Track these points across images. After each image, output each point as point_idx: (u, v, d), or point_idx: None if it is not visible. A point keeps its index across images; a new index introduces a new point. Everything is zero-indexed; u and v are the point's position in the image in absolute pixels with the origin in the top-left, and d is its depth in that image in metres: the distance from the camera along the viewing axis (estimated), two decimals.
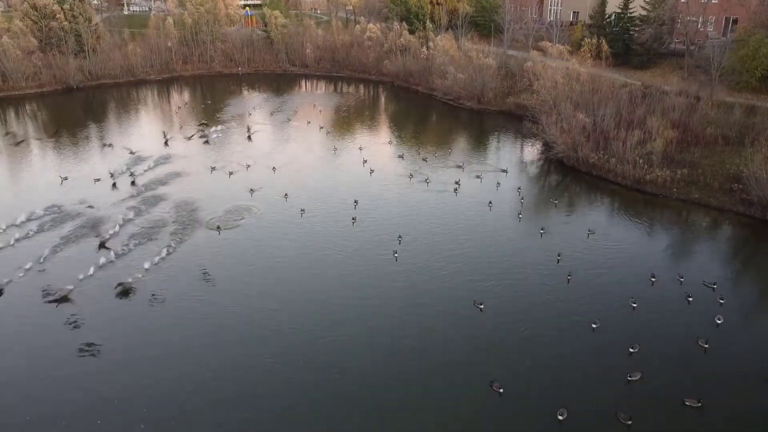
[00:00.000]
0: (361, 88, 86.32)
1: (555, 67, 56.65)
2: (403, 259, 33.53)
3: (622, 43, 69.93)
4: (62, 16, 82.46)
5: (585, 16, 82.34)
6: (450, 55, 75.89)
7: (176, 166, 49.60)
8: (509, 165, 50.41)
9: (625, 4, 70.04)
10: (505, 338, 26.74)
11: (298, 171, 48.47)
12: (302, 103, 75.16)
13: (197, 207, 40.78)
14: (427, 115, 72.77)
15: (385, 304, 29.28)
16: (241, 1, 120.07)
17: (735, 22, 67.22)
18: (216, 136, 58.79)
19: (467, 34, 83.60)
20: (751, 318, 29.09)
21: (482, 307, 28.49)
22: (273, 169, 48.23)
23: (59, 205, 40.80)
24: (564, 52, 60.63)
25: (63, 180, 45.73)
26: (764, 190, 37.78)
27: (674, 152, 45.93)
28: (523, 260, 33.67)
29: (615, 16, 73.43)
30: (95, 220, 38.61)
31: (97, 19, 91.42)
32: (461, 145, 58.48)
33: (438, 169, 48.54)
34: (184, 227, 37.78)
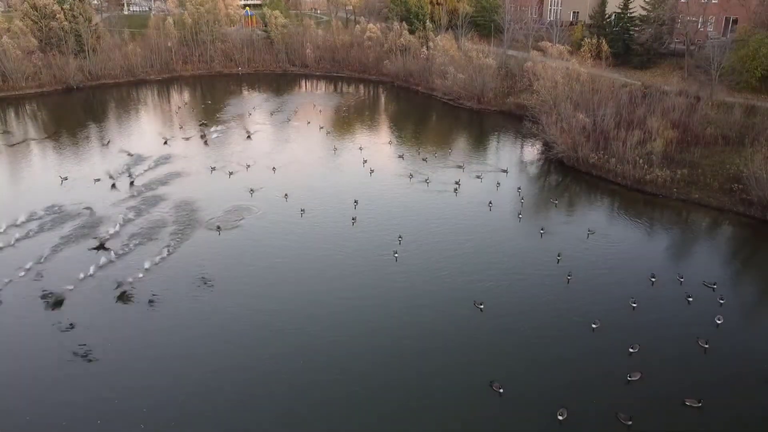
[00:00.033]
0: (361, 88, 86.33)
1: (555, 67, 56.64)
2: (403, 260, 33.55)
3: (622, 43, 69.94)
4: (62, 16, 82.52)
5: (585, 16, 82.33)
6: (450, 55, 75.90)
7: (176, 166, 49.61)
8: (509, 165, 50.42)
9: (625, 4, 70.04)
10: (505, 338, 26.76)
11: (298, 171, 48.49)
12: (302, 103, 75.17)
13: (197, 207, 40.80)
14: (427, 115, 72.77)
15: (385, 305, 29.30)
16: (241, 1, 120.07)
17: (735, 22, 67.21)
18: (216, 136, 58.82)
19: (467, 34, 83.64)
20: (751, 318, 29.11)
21: (482, 308, 28.51)
22: (273, 169, 48.25)
23: (59, 205, 40.81)
24: (564, 52, 60.64)
25: (63, 180, 45.76)
26: (764, 190, 37.80)
27: (674, 152, 45.95)
28: (524, 260, 33.70)
29: (615, 16, 73.41)
30: (95, 220, 38.63)
31: (97, 19, 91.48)
32: (461, 145, 58.51)
33: (438, 169, 48.55)
34: (184, 227, 37.79)
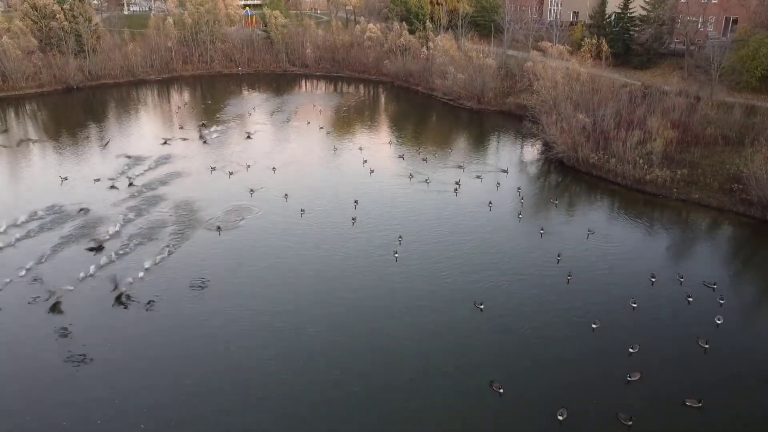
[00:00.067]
0: (361, 88, 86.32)
1: (555, 67, 56.67)
2: (403, 260, 33.55)
3: (622, 43, 69.94)
4: (62, 16, 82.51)
5: (585, 16, 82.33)
6: (450, 55, 75.90)
7: (176, 166, 49.61)
8: (509, 165, 50.42)
9: (625, 4, 70.04)
10: (505, 338, 26.77)
11: (298, 171, 48.49)
12: (302, 103, 75.17)
13: (197, 207, 40.79)
14: (427, 115, 72.76)
15: (385, 305, 29.30)
16: (241, 1, 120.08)
17: (735, 22, 67.22)
18: (216, 136, 58.83)
19: (467, 34, 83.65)
20: (751, 318, 29.12)
21: (482, 308, 28.51)
22: (273, 170, 48.24)
23: (59, 205, 40.80)
24: (564, 52, 60.70)
25: (63, 180, 45.77)
26: (764, 190, 37.80)
27: (674, 152, 45.95)
28: (524, 260, 33.70)
29: (615, 16, 73.43)
30: (95, 221, 38.61)
31: (97, 19, 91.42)
32: (461, 145, 58.53)
33: (438, 170, 48.56)
34: (184, 227, 37.78)
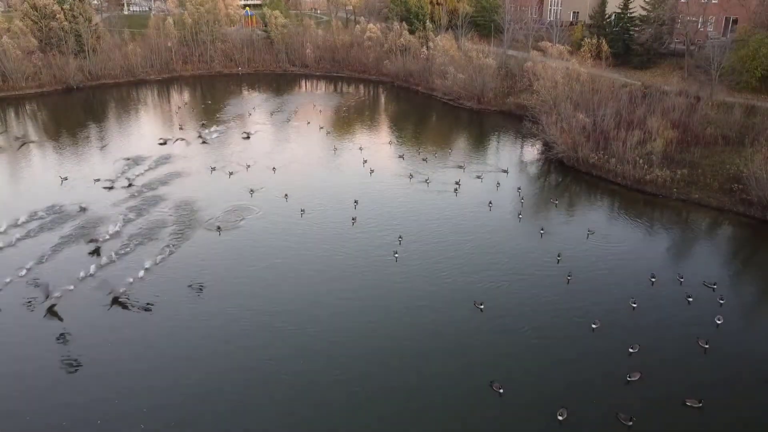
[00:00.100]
0: (361, 88, 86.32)
1: (555, 67, 56.67)
2: (403, 260, 33.55)
3: (622, 43, 69.95)
4: (62, 16, 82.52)
5: (585, 16, 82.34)
6: (450, 55, 75.92)
7: (176, 166, 49.61)
8: (509, 165, 50.42)
9: (625, 4, 70.06)
10: (505, 338, 26.76)
11: (298, 171, 48.49)
12: (302, 103, 75.18)
13: (197, 207, 40.79)
14: (427, 115, 72.77)
15: (386, 305, 29.30)
16: (241, 1, 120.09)
17: (735, 22, 67.23)
18: (216, 136, 58.82)
19: (467, 34, 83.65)
20: (751, 318, 29.12)
21: (482, 308, 28.52)
22: (273, 170, 48.25)
23: (60, 205, 40.80)
24: (564, 52, 60.70)
25: (63, 180, 45.78)
26: (764, 190, 37.80)
27: (674, 152, 45.95)
28: (524, 260, 33.71)
29: (615, 16, 73.44)
30: (96, 221, 38.60)
31: (97, 19, 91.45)
32: (461, 145, 58.53)
33: (438, 170, 48.56)
34: (184, 228, 37.79)
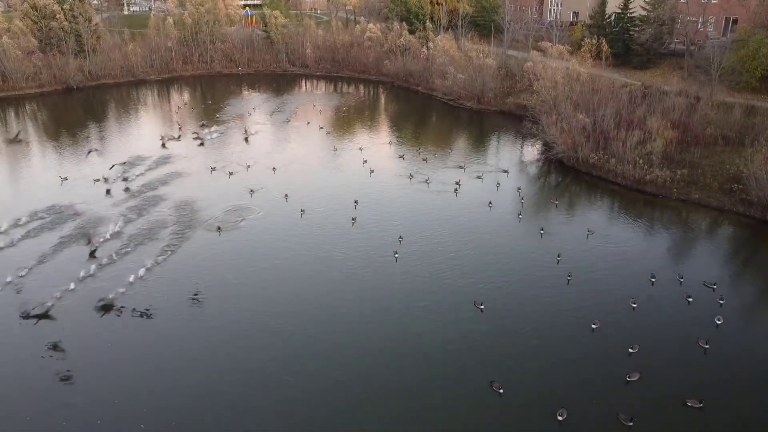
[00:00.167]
0: (361, 88, 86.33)
1: (555, 67, 56.69)
2: (403, 260, 33.54)
3: (622, 43, 69.95)
4: (62, 16, 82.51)
5: (585, 16, 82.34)
6: (450, 55, 75.92)
7: (176, 166, 49.60)
8: (509, 165, 50.43)
9: (625, 4, 70.05)
10: (505, 339, 26.76)
11: (298, 171, 48.48)
12: (302, 103, 75.18)
13: (197, 207, 40.78)
14: (427, 115, 72.78)
15: (386, 305, 29.29)
16: (241, 1, 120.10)
17: (735, 22, 67.23)
18: (216, 136, 58.82)
19: (467, 34, 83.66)
20: (751, 318, 29.12)
21: (482, 308, 28.52)
22: (273, 170, 48.25)
23: (60, 205, 40.76)
24: (564, 52, 60.70)
25: (63, 180, 45.77)
26: (764, 190, 37.81)
27: (674, 152, 45.96)
28: (524, 261, 33.72)
29: (615, 16, 73.44)
30: (96, 221, 38.58)
31: (97, 19, 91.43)
32: (461, 146, 58.53)
33: (438, 170, 48.56)
34: (184, 228, 37.77)
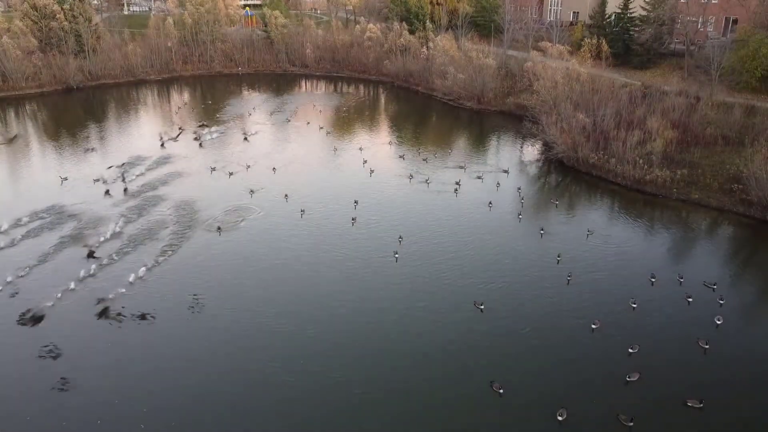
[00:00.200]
0: (361, 88, 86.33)
1: (555, 67, 56.70)
2: (403, 260, 33.54)
3: (622, 43, 69.96)
4: (62, 16, 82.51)
5: (585, 16, 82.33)
6: (450, 55, 75.92)
7: (176, 166, 49.60)
8: (509, 165, 50.42)
9: (625, 4, 70.07)
10: (505, 339, 26.76)
11: (298, 171, 48.49)
12: (302, 103, 75.18)
13: (197, 208, 40.78)
14: (427, 115, 72.77)
15: (386, 306, 29.28)
16: (241, 1, 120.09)
17: (735, 22, 67.24)
18: (216, 136, 58.82)
19: (467, 34, 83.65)
20: (751, 318, 29.12)
21: (482, 308, 28.52)
22: (273, 170, 48.25)
23: (60, 205, 40.79)
24: (564, 52, 60.71)
25: (63, 180, 45.76)
26: (764, 191, 37.81)
27: (674, 152, 45.96)
28: (524, 261, 33.72)
29: (615, 16, 73.46)
30: (96, 221, 38.59)
31: (97, 19, 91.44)
32: (461, 146, 58.53)
33: (438, 170, 48.56)
34: (184, 228, 37.77)
